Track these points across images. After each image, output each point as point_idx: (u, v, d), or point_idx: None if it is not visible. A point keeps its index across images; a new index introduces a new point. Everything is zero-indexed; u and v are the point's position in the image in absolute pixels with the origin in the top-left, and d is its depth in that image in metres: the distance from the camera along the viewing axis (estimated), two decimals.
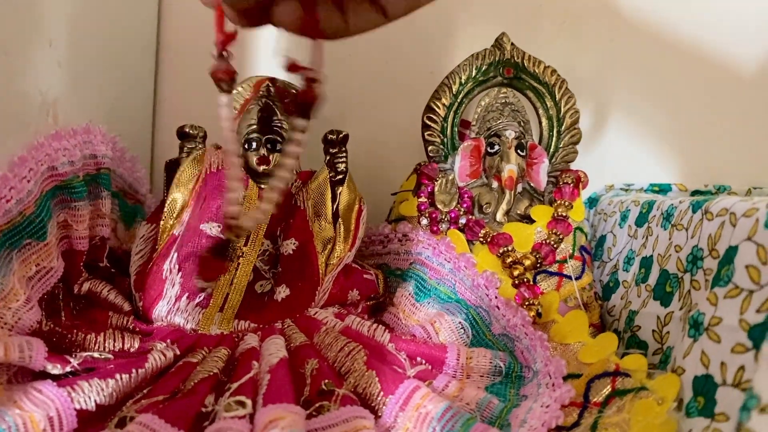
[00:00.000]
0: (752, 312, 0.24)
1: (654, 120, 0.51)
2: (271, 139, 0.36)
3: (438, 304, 0.37)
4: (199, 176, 0.36)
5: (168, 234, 0.35)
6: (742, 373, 0.24)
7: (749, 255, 0.26)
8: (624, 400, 0.28)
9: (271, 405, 0.23)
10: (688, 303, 0.31)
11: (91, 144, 0.36)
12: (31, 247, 0.30)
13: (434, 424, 0.25)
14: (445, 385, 0.30)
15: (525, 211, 0.41)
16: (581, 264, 0.41)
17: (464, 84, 0.42)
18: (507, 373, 0.31)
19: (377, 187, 0.45)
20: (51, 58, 0.34)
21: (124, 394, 0.26)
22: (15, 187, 0.28)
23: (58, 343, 0.28)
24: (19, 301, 0.27)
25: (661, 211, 0.37)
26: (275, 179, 0.33)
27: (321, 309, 0.35)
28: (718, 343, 0.26)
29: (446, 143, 0.43)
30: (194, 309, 0.33)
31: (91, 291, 0.33)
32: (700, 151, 0.50)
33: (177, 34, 0.47)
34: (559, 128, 0.43)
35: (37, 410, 0.23)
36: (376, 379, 0.28)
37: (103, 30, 0.39)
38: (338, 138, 0.37)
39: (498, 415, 0.28)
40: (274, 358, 0.27)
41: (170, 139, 0.39)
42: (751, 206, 0.27)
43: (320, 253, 0.36)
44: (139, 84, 0.47)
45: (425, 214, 0.40)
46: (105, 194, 0.36)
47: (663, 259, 0.35)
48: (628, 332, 0.36)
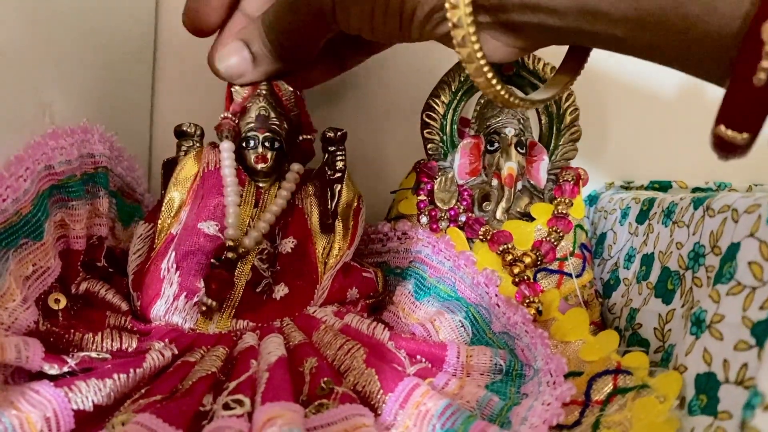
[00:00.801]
0: (755, 309, 0.24)
1: (654, 117, 0.51)
2: (269, 138, 0.36)
3: (438, 302, 0.37)
4: (197, 175, 0.35)
5: (166, 233, 0.34)
6: (745, 370, 0.24)
7: (752, 252, 0.25)
8: (626, 399, 0.28)
9: (270, 403, 0.23)
10: (690, 300, 0.31)
11: (89, 143, 0.35)
12: (28, 246, 0.29)
13: (434, 421, 0.25)
14: (445, 383, 0.29)
15: (525, 209, 0.41)
16: (582, 262, 0.41)
17: (464, 82, 0.42)
18: (507, 371, 0.31)
19: (376, 185, 0.45)
20: (47, 57, 0.33)
21: (122, 394, 0.26)
22: (11, 186, 0.28)
23: (55, 343, 0.28)
24: (15, 301, 0.27)
25: (661, 208, 0.37)
26: (269, 212, 0.34)
27: (320, 307, 0.35)
28: (720, 340, 0.26)
29: (446, 141, 0.42)
30: (192, 308, 0.33)
31: (88, 291, 0.33)
32: (701, 148, 0.50)
33: (174, 33, 0.47)
34: (559, 125, 0.43)
35: (34, 411, 0.23)
36: (376, 377, 0.27)
37: (100, 28, 0.39)
38: (337, 136, 0.37)
39: (498, 413, 0.28)
40: (272, 357, 0.27)
41: (168, 138, 0.39)
42: (753, 202, 0.27)
43: (319, 251, 0.35)
44: (137, 83, 0.47)
45: (425, 212, 0.40)
46: (102, 193, 0.36)
47: (664, 256, 0.35)
48: (629, 330, 0.36)
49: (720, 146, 0.23)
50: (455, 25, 0.25)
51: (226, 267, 0.33)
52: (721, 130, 0.22)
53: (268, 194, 0.36)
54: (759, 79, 0.20)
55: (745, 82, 0.20)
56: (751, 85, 0.20)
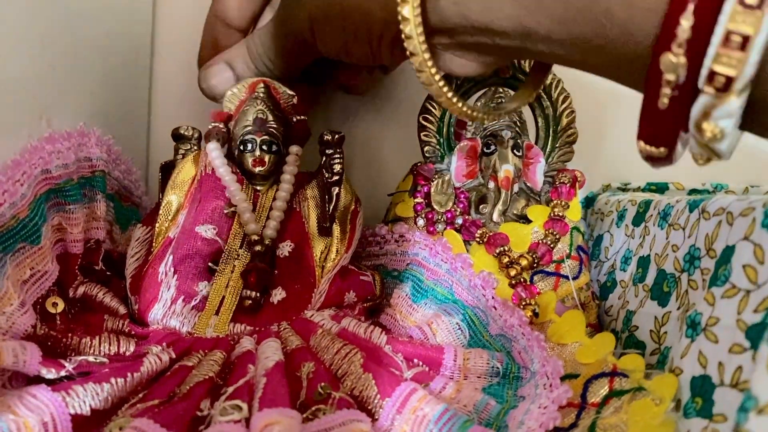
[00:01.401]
0: (749, 312, 0.24)
1: None
2: (266, 141, 0.36)
3: (435, 304, 0.37)
4: (194, 178, 0.35)
5: (163, 236, 0.34)
6: (739, 373, 0.24)
7: (746, 254, 0.26)
8: (622, 401, 0.28)
9: (267, 409, 0.23)
10: (685, 303, 0.31)
11: (86, 147, 0.35)
12: (25, 250, 0.29)
13: (431, 426, 0.25)
14: (442, 387, 0.30)
15: (522, 211, 0.41)
16: (578, 264, 0.41)
17: (460, 84, 0.42)
18: (504, 374, 0.31)
19: (373, 188, 0.45)
20: (44, 61, 0.33)
21: (120, 399, 0.26)
22: (8, 191, 0.28)
23: (52, 347, 0.28)
24: (13, 305, 0.27)
25: (658, 210, 0.37)
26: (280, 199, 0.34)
27: (317, 311, 0.35)
28: (715, 343, 0.26)
29: (442, 144, 0.43)
30: (190, 312, 0.33)
31: (86, 294, 0.33)
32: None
33: (172, 36, 0.47)
34: (556, 128, 0.43)
35: (32, 415, 0.23)
36: (373, 381, 0.28)
37: (97, 32, 0.39)
38: (334, 139, 0.37)
39: (496, 416, 0.28)
40: (270, 362, 0.27)
41: (165, 142, 0.39)
42: (747, 205, 0.27)
43: (316, 255, 0.35)
44: (134, 86, 0.47)
45: (422, 215, 0.40)
46: (100, 197, 0.36)
47: (660, 258, 0.35)
48: (625, 332, 0.36)
49: (645, 158, 0.25)
50: (412, 53, 0.27)
51: (259, 259, 0.33)
52: (641, 145, 0.24)
53: (265, 197, 0.36)
54: (662, 102, 0.22)
55: (653, 105, 0.22)
56: (657, 107, 0.22)
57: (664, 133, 0.23)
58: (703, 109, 0.21)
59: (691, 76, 0.21)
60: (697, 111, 0.21)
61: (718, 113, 0.20)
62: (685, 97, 0.21)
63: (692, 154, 0.24)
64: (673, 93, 0.21)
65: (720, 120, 0.21)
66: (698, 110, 0.21)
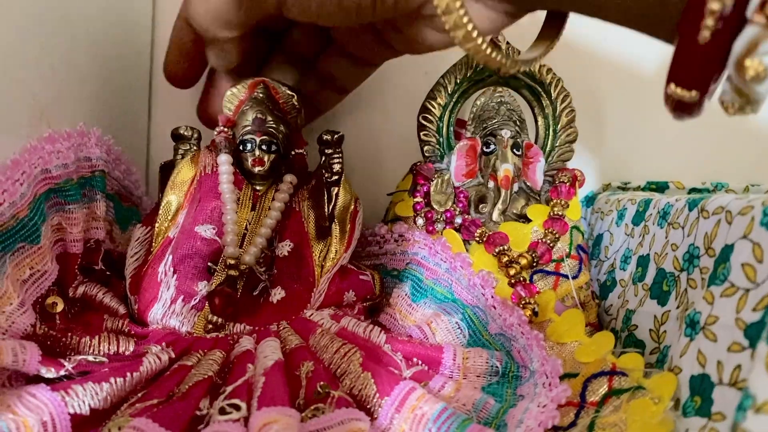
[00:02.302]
0: (748, 310, 0.24)
1: (651, 117, 0.51)
2: (266, 141, 0.36)
3: (434, 304, 0.37)
4: (194, 178, 0.36)
5: (163, 236, 0.35)
6: (738, 372, 0.24)
7: (745, 253, 0.26)
8: (621, 400, 0.28)
9: (266, 408, 0.23)
10: (684, 302, 0.31)
11: (86, 147, 0.35)
12: (25, 250, 0.29)
13: (430, 425, 0.25)
14: (441, 385, 0.30)
15: (521, 211, 0.41)
16: (578, 263, 0.41)
17: (460, 83, 0.42)
18: (504, 373, 0.31)
19: (373, 187, 0.45)
20: (44, 61, 0.33)
21: (119, 398, 0.26)
22: (8, 190, 0.28)
23: (52, 347, 0.28)
24: (12, 305, 0.27)
25: (657, 209, 0.37)
26: (264, 226, 0.34)
27: (317, 311, 0.35)
28: (714, 342, 0.26)
29: (442, 143, 0.43)
30: (189, 312, 0.33)
31: (86, 294, 0.33)
32: (697, 149, 0.50)
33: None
34: (555, 127, 0.43)
35: (31, 415, 0.23)
36: (372, 380, 0.28)
37: (97, 32, 0.39)
38: (333, 139, 0.37)
39: (495, 415, 0.28)
40: (269, 361, 0.27)
41: (165, 141, 0.39)
42: (746, 204, 0.27)
43: (316, 254, 0.35)
44: (134, 86, 0.47)
45: (421, 214, 0.40)
46: (100, 197, 0.36)
47: (660, 257, 0.35)
48: (625, 331, 0.36)
49: (672, 105, 0.23)
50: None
51: (228, 284, 0.33)
52: (671, 89, 0.22)
53: (265, 197, 0.36)
54: (703, 36, 0.20)
55: (691, 40, 0.21)
56: (696, 42, 0.20)
57: (700, 72, 0.21)
58: (749, 42, 0.19)
59: (740, 4, 0.19)
60: (741, 45, 0.19)
61: (767, 46, 0.19)
62: (727, 30, 0.19)
63: (722, 102, 0.22)
64: (717, 25, 0.19)
65: (766, 55, 0.19)
66: (743, 44, 0.19)
